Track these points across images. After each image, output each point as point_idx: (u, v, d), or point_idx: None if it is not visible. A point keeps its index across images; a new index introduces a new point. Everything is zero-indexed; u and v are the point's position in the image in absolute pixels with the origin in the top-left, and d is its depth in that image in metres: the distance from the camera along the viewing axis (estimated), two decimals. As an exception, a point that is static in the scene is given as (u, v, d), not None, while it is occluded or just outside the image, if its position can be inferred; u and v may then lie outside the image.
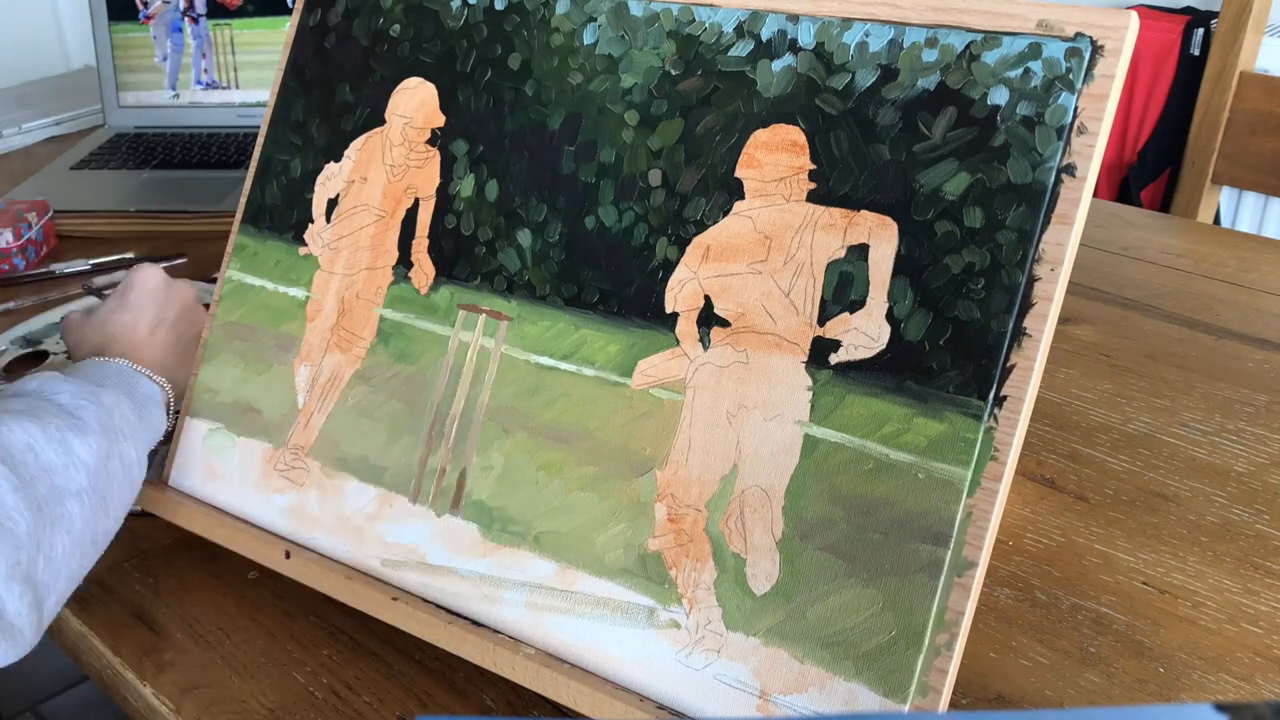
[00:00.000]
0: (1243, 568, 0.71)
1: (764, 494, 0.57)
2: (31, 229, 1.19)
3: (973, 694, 0.63)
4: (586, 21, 0.66)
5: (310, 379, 0.72)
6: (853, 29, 0.58)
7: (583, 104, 0.66)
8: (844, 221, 0.57)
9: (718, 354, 0.59)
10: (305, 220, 0.75)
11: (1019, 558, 0.72)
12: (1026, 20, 0.54)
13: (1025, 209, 0.53)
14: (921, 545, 0.53)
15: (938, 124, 0.56)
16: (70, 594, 0.63)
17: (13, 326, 1.05)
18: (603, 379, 0.62)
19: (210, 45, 1.48)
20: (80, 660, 0.71)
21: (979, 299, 0.53)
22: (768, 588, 0.56)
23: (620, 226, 0.63)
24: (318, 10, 0.78)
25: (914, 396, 0.54)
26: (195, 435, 0.76)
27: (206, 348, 0.77)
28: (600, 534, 0.61)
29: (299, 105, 0.77)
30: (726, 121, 0.61)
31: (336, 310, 0.73)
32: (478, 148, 0.69)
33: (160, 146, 1.44)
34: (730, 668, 0.56)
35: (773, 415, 0.57)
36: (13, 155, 1.53)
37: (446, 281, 0.69)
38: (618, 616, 0.59)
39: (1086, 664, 0.64)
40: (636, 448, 0.60)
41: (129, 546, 0.76)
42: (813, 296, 0.57)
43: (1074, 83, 0.53)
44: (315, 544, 0.68)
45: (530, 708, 0.62)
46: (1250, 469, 0.80)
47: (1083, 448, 0.83)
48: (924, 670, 0.52)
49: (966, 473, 0.52)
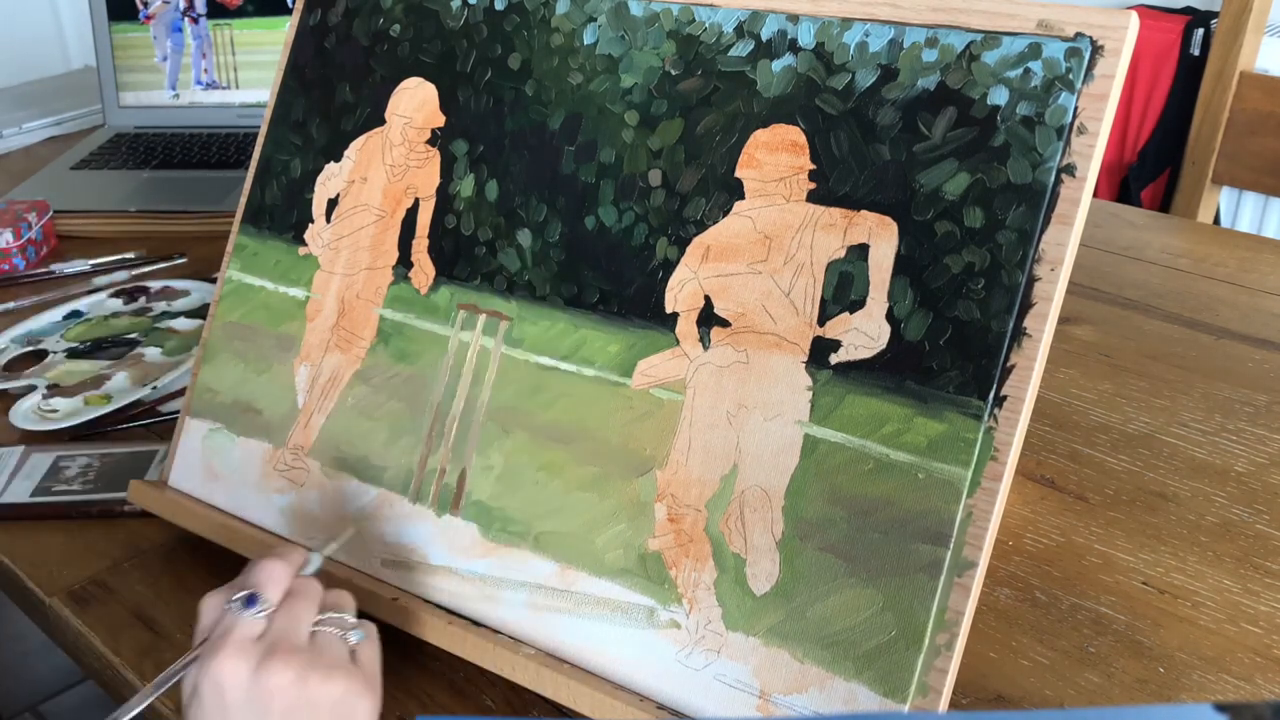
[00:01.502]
0: (1243, 568, 0.71)
1: (764, 494, 0.57)
2: (31, 229, 1.19)
3: (973, 694, 0.63)
4: (586, 21, 0.66)
5: (310, 379, 0.72)
6: (853, 29, 0.58)
7: (583, 104, 0.66)
8: (844, 221, 0.57)
9: (718, 354, 0.59)
10: (305, 220, 0.75)
11: (1019, 558, 0.72)
12: (1026, 20, 0.54)
13: (1025, 209, 0.53)
14: (921, 545, 0.53)
15: (938, 124, 0.56)
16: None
17: (13, 326, 1.05)
18: (603, 379, 0.62)
19: (210, 45, 1.48)
20: (80, 660, 0.71)
21: (979, 299, 0.53)
22: (768, 588, 0.56)
23: (620, 226, 0.63)
24: (318, 10, 0.78)
25: (914, 396, 0.54)
26: (195, 435, 0.76)
27: (206, 348, 0.77)
28: (600, 534, 0.61)
29: (299, 105, 0.77)
30: (726, 121, 0.61)
31: (336, 310, 0.73)
32: (478, 148, 0.69)
33: (160, 146, 1.44)
34: (730, 668, 0.56)
35: (773, 415, 0.57)
36: (13, 155, 1.53)
37: (446, 281, 0.69)
38: (618, 616, 0.59)
39: (1086, 664, 0.64)
40: (636, 448, 0.60)
41: (129, 546, 0.76)
42: (813, 296, 0.57)
43: (1074, 83, 0.53)
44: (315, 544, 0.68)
45: (530, 708, 0.62)
46: (1250, 469, 0.80)
47: (1083, 448, 0.83)
48: (924, 670, 0.52)
49: (966, 473, 0.52)
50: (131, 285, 1.12)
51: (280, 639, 0.54)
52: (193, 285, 1.11)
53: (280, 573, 0.57)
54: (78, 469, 0.83)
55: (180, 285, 1.12)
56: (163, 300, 1.09)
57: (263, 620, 0.55)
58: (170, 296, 1.09)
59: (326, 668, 0.54)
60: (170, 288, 1.11)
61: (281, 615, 0.55)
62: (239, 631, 0.54)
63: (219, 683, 0.53)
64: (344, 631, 0.57)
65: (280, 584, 0.57)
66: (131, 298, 1.10)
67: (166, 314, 1.06)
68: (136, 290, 1.11)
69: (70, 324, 1.05)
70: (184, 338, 1.01)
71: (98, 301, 1.10)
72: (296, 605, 0.56)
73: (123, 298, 1.10)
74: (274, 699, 0.52)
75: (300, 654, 0.54)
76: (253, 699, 0.53)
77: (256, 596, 0.55)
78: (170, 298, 1.09)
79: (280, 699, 0.52)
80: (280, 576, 0.57)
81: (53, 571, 0.74)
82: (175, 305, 1.08)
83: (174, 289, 1.11)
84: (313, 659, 0.54)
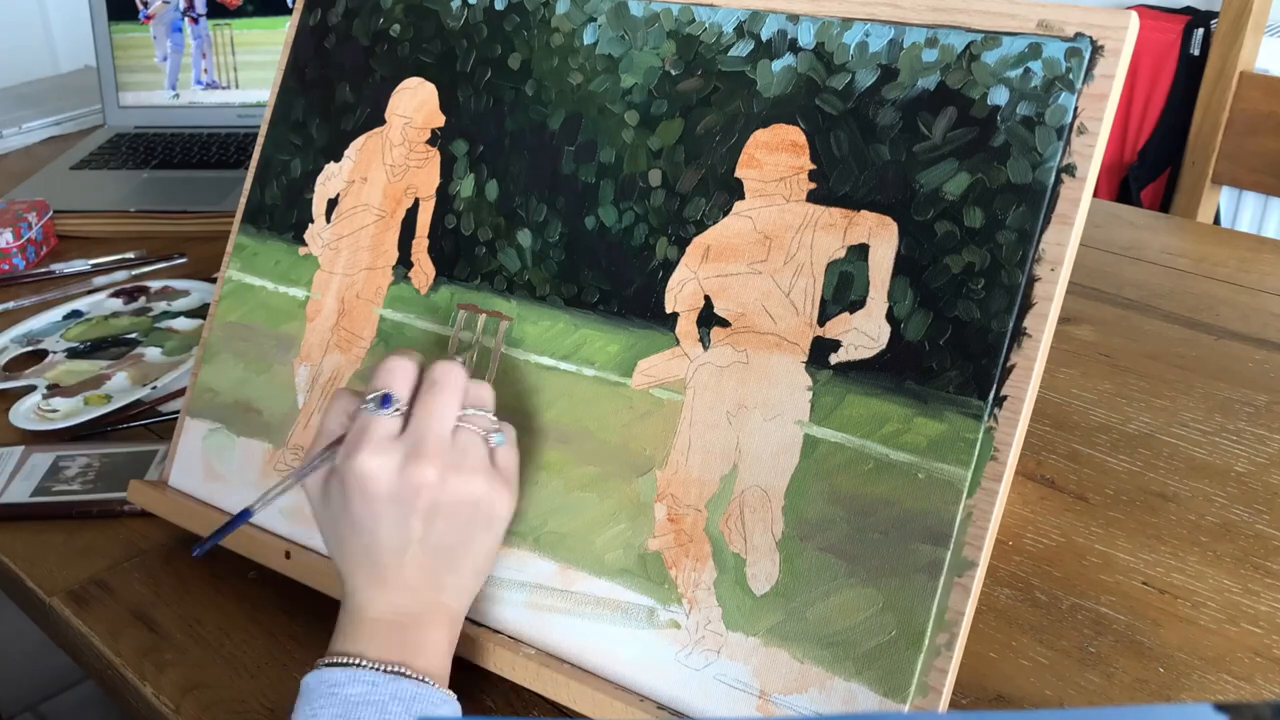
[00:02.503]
0: (1243, 568, 0.71)
1: (764, 494, 0.57)
2: (31, 229, 1.19)
3: (973, 694, 0.63)
4: (586, 21, 0.66)
5: (310, 379, 0.72)
6: (853, 29, 0.58)
7: (583, 104, 0.66)
8: (844, 221, 0.57)
9: (718, 354, 0.59)
10: (305, 220, 0.75)
11: (1019, 558, 0.72)
12: (1026, 20, 0.54)
13: (1025, 209, 0.53)
14: (921, 545, 0.53)
15: (938, 124, 0.56)
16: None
17: (12, 326, 1.05)
18: (603, 379, 0.62)
19: (210, 45, 1.48)
20: (80, 660, 0.71)
21: (979, 299, 0.53)
22: (768, 588, 0.56)
23: (620, 226, 0.63)
24: (318, 10, 0.78)
25: (914, 396, 0.54)
26: (195, 435, 0.76)
27: (206, 348, 0.77)
28: (600, 534, 0.61)
29: (299, 105, 0.77)
30: (726, 121, 0.61)
31: (336, 310, 0.73)
32: (478, 148, 0.69)
33: (160, 146, 1.44)
34: (730, 668, 0.56)
35: (773, 415, 0.57)
36: (13, 155, 1.53)
37: (446, 281, 0.69)
38: (618, 616, 0.59)
39: (1086, 664, 0.64)
40: (636, 448, 0.60)
41: (129, 546, 0.76)
42: (813, 296, 0.57)
43: (1074, 83, 0.53)
44: (315, 544, 0.68)
45: (530, 708, 0.62)
46: (1250, 469, 0.80)
47: (1083, 448, 0.83)
48: (924, 670, 0.52)
49: (966, 473, 0.52)
50: (131, 285, 1.12)
51: (422, 437, 0.55)
52: (193, 285, 1.11)
53: (408, 368, 0.58)
54: (78, 469, 0.83)
55: (180, 285, 1.12)
56: (163, 300, 1.09)
57: (399, 419, 0.56)
58: (170, 296, 1.09)
59: (470, 470, 0.55)
60: (170, 288, 1.11)
61: (420, 411, 0.56)
62: (378, 430, 0.55)
63: (365, 476, 0.54)
64: (485, 432, 0.57)
65: (409, 380, 0.57)
66: (131, 298, 1.10)
67: (166, 314, 1.06)
68: (136, 290, 1.11)
69: (70, 324, 1.05)
70: (184, 338, 1.01)
71: (98, 301, 1.10)
72: (438, 399, 0.56)
73: (123, 298, 1.10)
74: (418, 496, 0.54)
75: (443, 454, 0.55)
76: (397, 494, 0.54)
77: (390, 396, 0.56)
78: (170, 298, 1.09)
79: (424, 496, 0.54)
80: (408, 372, 0.57)
81: (53, 571, 0.74)
82: (175, 305, 1.08)
83: (174, 289, 1.11)
84: (456, 459, 0.55)
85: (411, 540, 0.55)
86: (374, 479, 0.54)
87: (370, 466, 0.54)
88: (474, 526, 0.56)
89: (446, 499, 0.55)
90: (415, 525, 0.54)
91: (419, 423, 0.56)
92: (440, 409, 0.56)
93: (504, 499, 0.56)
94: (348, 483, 0.54)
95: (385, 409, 0.56)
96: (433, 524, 0.55)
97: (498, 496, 0.56)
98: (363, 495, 0.54)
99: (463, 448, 0.56)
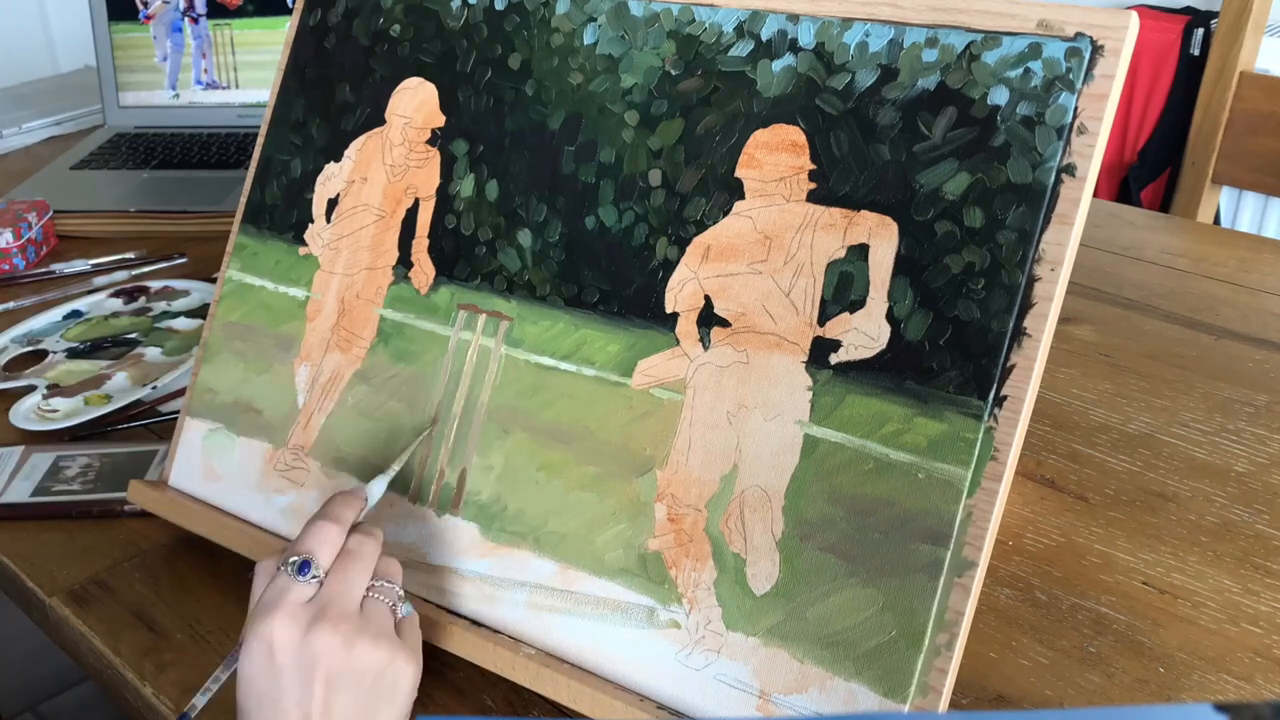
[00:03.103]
0: (1243, 568, 0.71)
1: (764, 494, 0.57)
2: (31, 229, 1.19)
3: (973, 694, 0.63)
4: (586, 21, 0.66)
5: (310, 379, 0.72)
6: (853, 29, 0.58)
7: (583, 104, 0.66)
8: (844, 221, 0.57)
9: (718, 354, 0.59)
10: (305, 220, 0.75)
11: (1019, 558, 0.72)
12: (1026, 20, 0.54)
13: (1025, 209, 0.53)
14: (921, 545, 0.53)
15: (938, 124, 0.56)
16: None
17: (13, 326, 1.05)
18: (603, 379, 0.62)
19: (210, 45, 1.48)
20: (80, 660, 0.71)
21: (979, 299, 0.53)
22: (768, 588, 0.56)
23: (620, 226, 0.63)
24: (318, 10, 0.78)
25: (914, 396, 0.54)
26: (195, 435, 0.76)
27: (206, 348, 0.77)
28: (600, 534, 0.61)
29: (299, 105, 0.77)
30: (726, 121, 0.61)
31: (336, 310, 0.73)
32: (478, 148, 0.69)
33: (160, 146, 1.44)
34: (730, 668, 0.56)
35: (773, 415, 0.57)
36: (13, 155, 1.53)
37: (446, 281, 0.69)
38: (618, 616, 0.59)
39: (1086, 664, 0.64)
40: (636, 448, 0.60)
41: (129, 546, 0.76)
42: (813, 296, 0.57)
43: (1074, 83, 0.53)
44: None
45: (530, 708, 0.62)
46: (1250, 469, 0.80)
47: (1083, 448, 0.83)
48: (924, 670, 0.52)
49: (966, 473, 0.52)
50: (131, 285, 1.12)
51: (330, 604, 0.55)
52: (193, 285, 1.11)
53: (333, 536, 0.58)
54: (78, 469, 0.83)
55: (180, 285, 1.12)
56: (163, 300, 1.09)
57: (314, 585, 0.56)
58: (170, 296, 1.09)
59: (374, 635, 0.55)
60: (170, 288, 1.11)
61: (333, 580, 0.56)
62: (291, 595, 0.55)
63: (269, 643, 0.54)
64: (393, 602, 0.58)
65: (333, 547, 0.58)
66: (131, 298, 1.10)
67: (166, 314, 1.06)
68: (136, 290, 1.11)
69: (70, 324, 1.05)
70: (184, 338, 1.01)
71: (98, 301, 1.10)
72: (350, 570, 0.57)
73: (123, 298, 1.10)
74: (320, 662, 0.54)
75: (349, 620, 0.55)
76: (300, 661, 0.54)
77: (309, 564, 0.56)
78: (170, 298, 1.09)
79: (326, 663, 0.54)
80: (333, 539, 0.58)
81: (53, 571, 0.74)
82: (175, 305, 1.08)
83: (174, 289, 1.11)
84: (361, 625, 0.55)
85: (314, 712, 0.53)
86: (279, 646, 0.54)
87: (276, 632, 0.54)
88: (377, 698, 0.55)
89: (349, 667, 0.54)
90: (318, 692, 0.53)
91: (329, 590, 0.56)
92: (351, 578, 0.57)
93: (408, 669, 0.56)
94: (253, 648, 0.54)
95: (302, 576, 0.56)
96: (335, 694, 0.54)
97: (402, 665, 0.55)
98: (268, 659, 0.54)
99: (369, 616, 0.56)
